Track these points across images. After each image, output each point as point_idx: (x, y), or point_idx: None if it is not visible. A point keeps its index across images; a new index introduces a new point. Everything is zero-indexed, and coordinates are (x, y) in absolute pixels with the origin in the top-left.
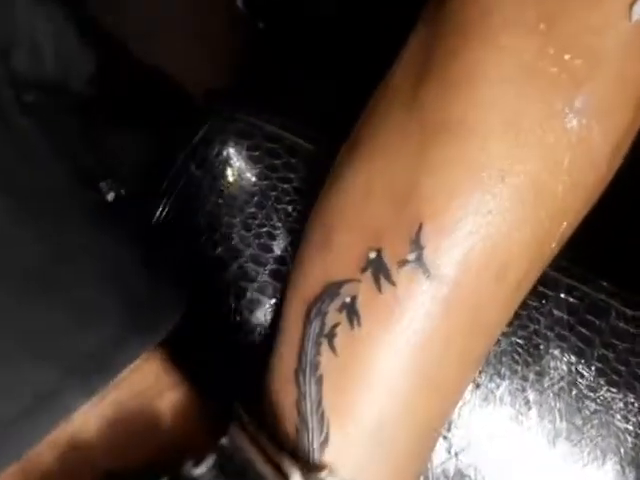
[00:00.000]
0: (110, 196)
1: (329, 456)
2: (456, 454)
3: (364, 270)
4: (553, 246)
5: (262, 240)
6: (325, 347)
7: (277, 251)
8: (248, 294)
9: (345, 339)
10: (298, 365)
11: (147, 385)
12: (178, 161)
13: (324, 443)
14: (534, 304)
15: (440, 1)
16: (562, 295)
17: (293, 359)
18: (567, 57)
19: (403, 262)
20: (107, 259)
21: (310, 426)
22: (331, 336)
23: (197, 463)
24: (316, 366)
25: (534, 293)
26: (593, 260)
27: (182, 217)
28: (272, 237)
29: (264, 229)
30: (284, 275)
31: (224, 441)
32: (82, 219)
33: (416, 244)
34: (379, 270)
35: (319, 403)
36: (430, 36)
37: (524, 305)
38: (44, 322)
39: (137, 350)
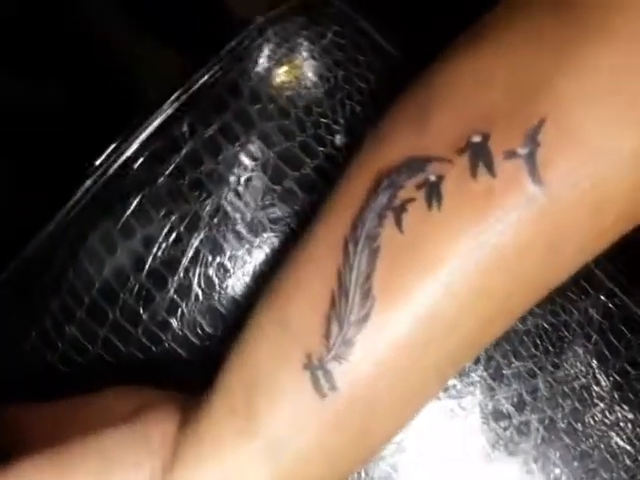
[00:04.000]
0: None
1: (362, 336)
2: (445, 419)
3: (461, 152)
4: None
5: (319, 130)
6: (389, 221)
7: (330, 147)
8: (286, 182)
9: (417, 218)
10: (351, 233)
11: None
12: (256, 21)
13: (362, 320)
14: (572, 296)
15: None
16: (602, 297)
17: (345, 227)
18: None
19: (511, 153)
20: None
21: (350, 297)
22: (400, 211)
23: None
24: (374, 238)
25: (575, 285)
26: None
27: (246, 77)
28: (330, 131)
29: (324, 119)
30: (330, 174)
31: None
32: None
33: (532, 139)
34: (480, 155)
35: (367, 277)
36: None
37: (562, 293)
38: None
39: None
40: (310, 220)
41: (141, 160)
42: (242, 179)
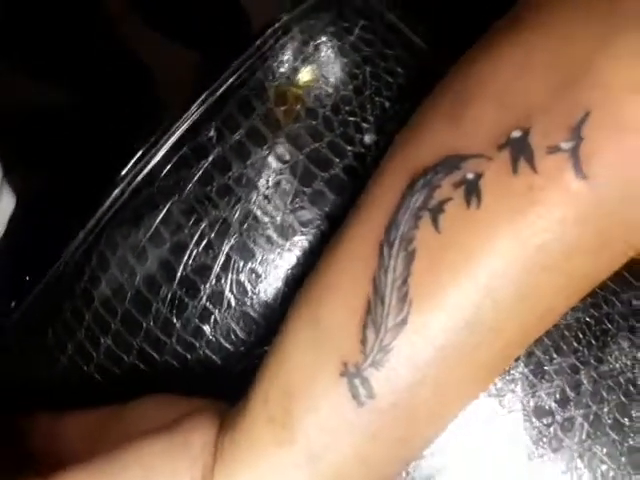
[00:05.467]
0: None
1: (400, 342)
2: (483, 422)
3: (501, 148)
4: None
5: (347, 129)
6: (426, 221)
7: (359, 146)
8: (315, 183)
9: (455, 218)
10: (385, 236)
11: None
12: (282, 19)
13: (399, 325)
14: (614, 287)
15: None
16: None
17: (379, 229)
18: None
19: (554, 148)
20: None
21: (387, 302)
22: (437, 211)
23: None
24: (409, 240)
25: (616, 276)
26: None
27: (272, 77)
28: (359, 129)
29: (353, 118)
30: (359, 174)
31: None
32: None
33: (576, 133)
34: (521, 151)
35: (404, 280)
36: None
37: (603, 285)
38: None
39: None
40: (341, 222)
41: (169, 167)
42: (271, 182)
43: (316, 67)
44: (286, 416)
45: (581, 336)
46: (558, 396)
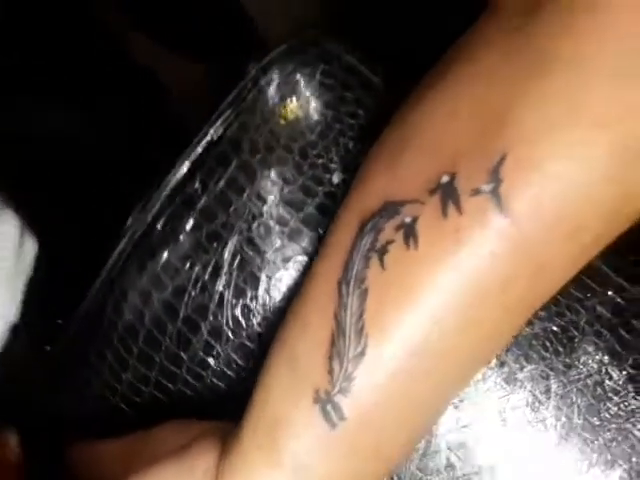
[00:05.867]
0: None
1: (360, 371)
2: (464, 427)
3: (432, 193)
4: (629, 212)
5: (316, 171)
6: (375, 262)
7: (328, 186)
8: (292, 223)
9: (397, 258)
10: (343, 275)
11: None
12: (250, 73)
13: (359, 356)
14: (578, 295)
15: None
16: (610, 293)
17: (338, 270)
18: None
19: (476, 191)
20: None
21: (347, 336)
22: (382, 252)
23: None
24: (362, 279)
25: (580, 284)
26: None
27: (244, 130)
28: (327, 170)
29: (320, 160)
30: (331, 210)
31: None
32: None
33: (495, 175)
34: (448, 195)
35: (360, 316)
36: None
37: (566, 294)
38: None
39: None
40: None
41: (164, 219)
42: (253, 226)
43: (284, 116)
44: (272, 443)
45: (548, 344)
46: (530, 400)
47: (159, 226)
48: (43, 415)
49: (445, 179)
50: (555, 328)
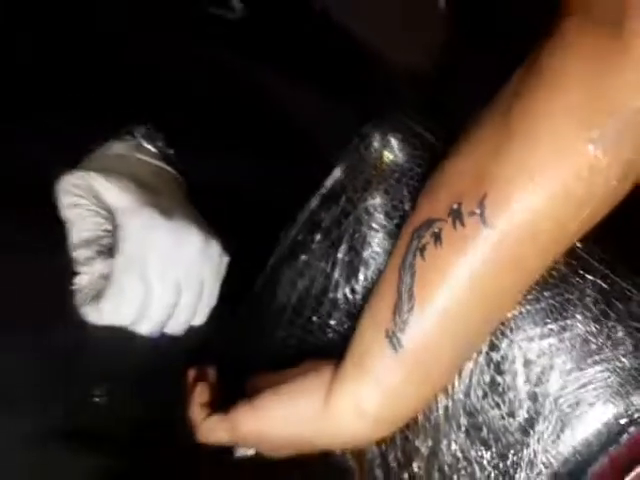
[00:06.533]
0: None
1: (411, 319)
2: (497, 366)
3: (449, 214)
4: (576, 227)
5: (394, 202)
6: (418, 255)
7: (401, 210)
8: (379, 235)
9: (431, 253)
10: (402, 264)
11: None
12: (354, 142)
13: (410, 310)
14: (574, 280)
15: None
16: (598, 280)
17: (399, 261)
18: None
19: (472, 213)
20: None
21: (403, 299)
22: (423, 249)
23: None
24: (412, 266)
25: (576, 273)
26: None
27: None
28: (401, 201)
29: (395, 202)
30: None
31: None
32: None
33: (481, 204)
34: (457, 216)
35: (411, 287)
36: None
37: (565, 279)
38: None
39: None
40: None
41: (302, 234)
42: (355, 237)
43: (382, 164)
44: (361, 362)
45: (549, 313)
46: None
47: (300, 238)
48: (233, 361)
49: (455, 206)
50: (555, 303)
